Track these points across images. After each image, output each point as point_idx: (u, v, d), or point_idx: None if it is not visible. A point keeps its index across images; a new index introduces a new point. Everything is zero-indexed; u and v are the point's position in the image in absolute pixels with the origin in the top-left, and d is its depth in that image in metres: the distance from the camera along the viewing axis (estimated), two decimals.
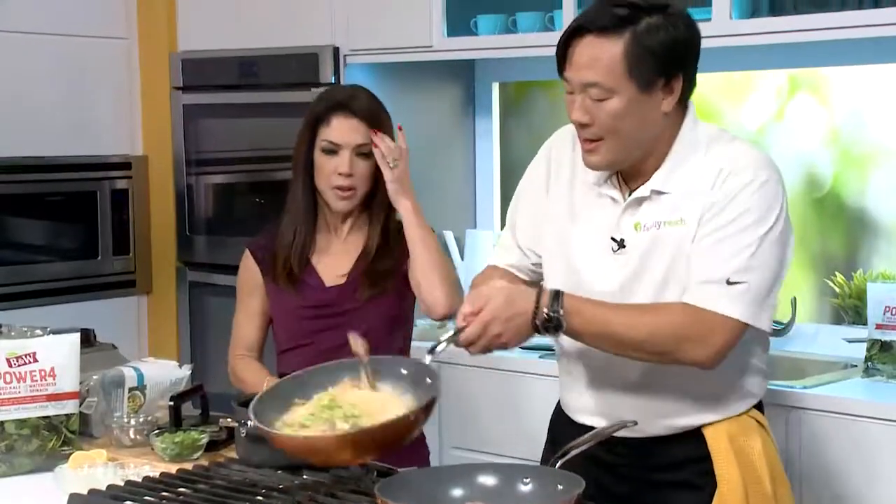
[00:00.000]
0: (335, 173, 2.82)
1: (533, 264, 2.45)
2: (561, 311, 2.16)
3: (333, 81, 4.16)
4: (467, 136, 4.50)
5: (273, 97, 4.30)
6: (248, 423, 2.40)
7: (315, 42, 4.23)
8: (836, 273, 3.72)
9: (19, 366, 2.59)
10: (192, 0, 4.65)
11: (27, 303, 4.39)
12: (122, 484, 2.32)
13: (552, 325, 2.17)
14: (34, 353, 2.61)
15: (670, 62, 2.18)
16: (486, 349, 2.19)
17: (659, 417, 2.33)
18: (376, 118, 2.86)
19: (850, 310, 3.68)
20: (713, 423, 2.33)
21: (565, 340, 2.34)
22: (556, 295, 2.17)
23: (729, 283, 2.17)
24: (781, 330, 3.71)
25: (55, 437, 2.61)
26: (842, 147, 3.76)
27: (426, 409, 2.08)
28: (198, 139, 4.61)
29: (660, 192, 2.26)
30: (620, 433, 2.24)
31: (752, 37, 3.48)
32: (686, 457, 2.33)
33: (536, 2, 3.92)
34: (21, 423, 2.58)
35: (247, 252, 2.99)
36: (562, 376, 2.47)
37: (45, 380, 2.61)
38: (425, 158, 4.39)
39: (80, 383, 2.73)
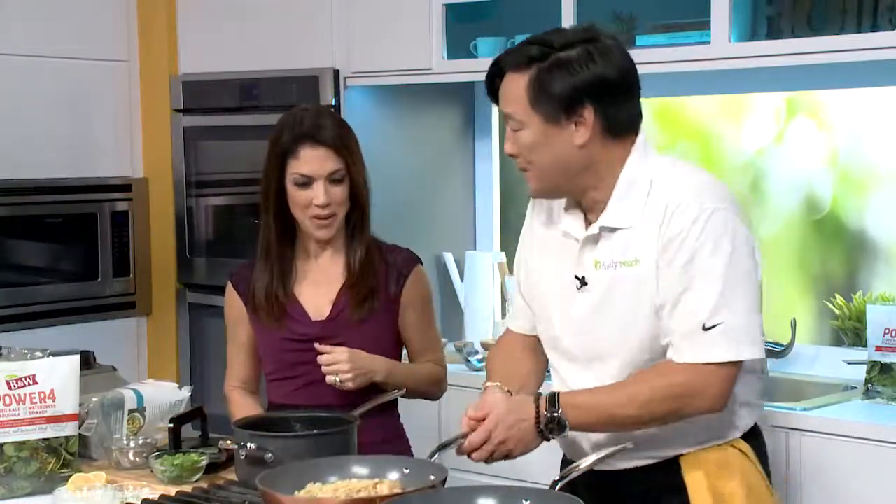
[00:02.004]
0: (311, 205, 2.76)
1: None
2: (559, 411, 2.22)
3: (334, 104, 4.16)
4: (467, 158, 4.51)
5: (273, 119, 4.18)
6: (248, 445, 2.42)
7: (315, 64, 4.24)
8: (836, 295, 3.72)
9: (19, 388, 2.59)
10: (192, 23, 4.67)
11: (27, 324, 4.39)
12: None
13: (555, 426, 2.23)
14: (34, 376, 2.61)
15: (573, 97, 2.23)
16: (490, 456, 2.24)
17: (636, 450, 2.32)
18: (344, 143, 2.80)
19: (850, 332, 3.67)
20: (690, 452, 2.34)
21: (554, 377, 2.43)
22: (553, 396, 2.24)
23: (705, 329, 2.20)
24: (781, 352, 3.71)
25: (54, 460, 2.61)
26: (841, 169, 3.77)
27: None
28: (198, 161, 4.61)
29: (610, 229, 2.29)
30: (599, 466, 2.28)
31: (750, 59, 3.49)
32: (662, 488, 2.33)
33: (536, 24, 3.87)
34: (20, 445, 2.58)
35: (229, 285, 2.94)
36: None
37: (45, 402, 2.61)
38: (425, 180, 4.41)
39: (80, 405, 2.72)
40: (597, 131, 2.25)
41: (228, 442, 2.49)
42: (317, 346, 2.74)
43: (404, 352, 2.97)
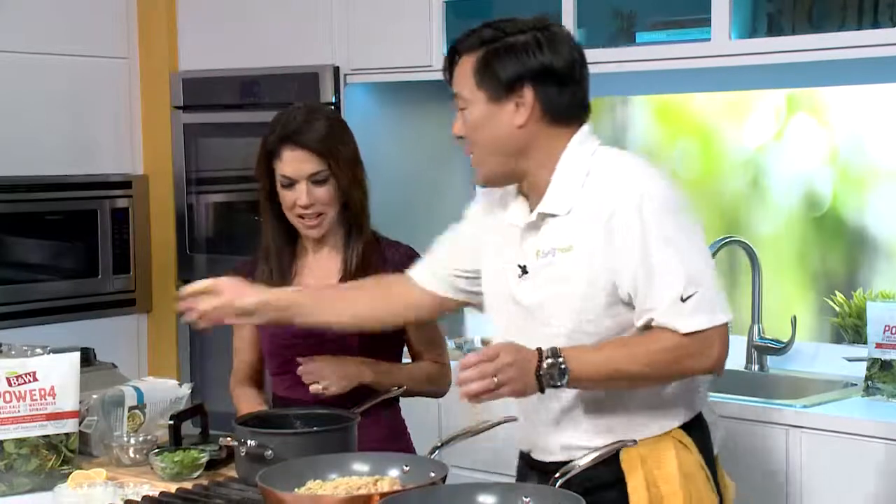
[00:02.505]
0: (296, 205, 2.78)
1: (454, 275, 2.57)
2: (562, 358, 2.22)
3: (334, 101, 4.17)
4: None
5: (273, 116, 4.32)
6: (249, 442, 2.42)
7: (316, 62, 4.25)
8: (836, 292, 3.73)
9: (19, 385, 2.59)
10: (192, 20, 4.67)
11: (27, 321, 4.39)
12: (121, 503, 2.33)
13: (556, 373, 2.21)
14: (34, 373, 2.62)
15: (515, 78, 2.30)
16: (488, 384, 2.20)
17: (574, 441, 2.36)
18: (328, 145, 2.79)
19: (850, 329, 3.68)
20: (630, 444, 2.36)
21: None
22: (555, 348, 2.24)
23: (683, 300, 2.24)
24: (781, 349, 3.73)
25: (55, 457, 2.61)
26: (841, 166, 3.77)
27: None
28: (198, 158, 4.62)
29: (548, 216, 2.34)
30: (543, 458, 2.37)
31: (750, 57, 3.50)
32: (603, 481, 2.33)
33: None
34: (20, 442, 2.58)
35: (225, 275, 2.93)
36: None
37: (45, 399, 2.61)
38: (425, 177, 4.42)
39: (80, 402, 2.73)
40: (536, 114, 2.32)
41: (229, 439, 2.49)
42: (298, 359, 2.76)
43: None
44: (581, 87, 2.37)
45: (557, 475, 2.14)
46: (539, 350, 2.22)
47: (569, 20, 3.75)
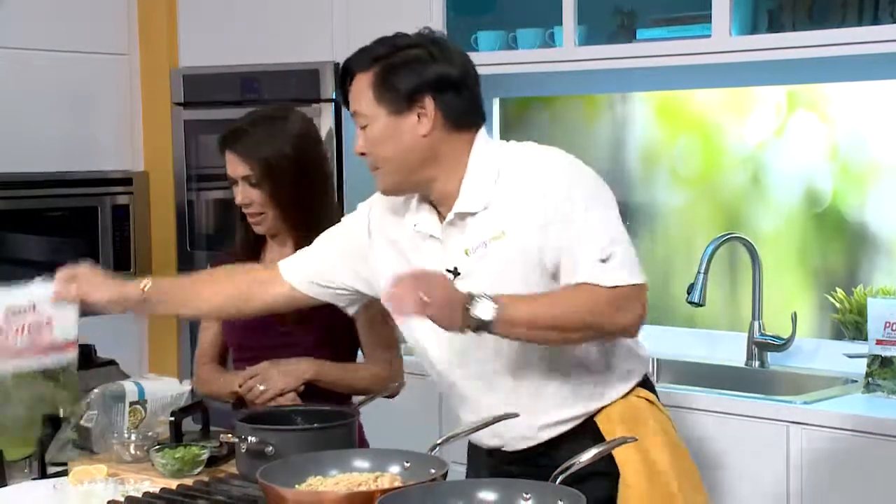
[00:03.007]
0: (240, 203, 2.95)
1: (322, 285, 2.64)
2: (493, 300, 2.26)
3: (334, 97, 4.18)
4: None
5: None
6: (249, 439, 2.43)
7: (316, 58, 4.26)
8: (837, 288, 3.73)
9: (16, 316, 2.57)
10: (192, 16, 4.69)
11: None
12: (122, 500, 2.33)
13: (484, 307, 2.25)
14: (33, 305, 2.60)
15: (414, 90, 2.37)
16: (415, 304, 2.24)
17: (544, 419, 2.43)
18: (258, 154, 2.89)
19: (851, 325, 3.68)
20: (601, 409, 2.44)
21: (433, 368, 2.51)
22: (486, 294, 2.28)
23: (603, 261, 2.31)
24: (782, 345, 3.73)
25: (52, 385, 2.61)
26: (841, 163, 3.78)
27: None
28: (198, 155, 4.63)
29: (466, 214, 2.39)
30: (517, 446, 2.44)
31: (751, 53, 3.51)
32: (586, 449, 2.34)
33: (537, 18, 3.93)
34: (18, 375, 2.58)
35: (208, 268, 3.10)
36: (450, 403, 2.60)
37: (42, 331, 2.60)
38: None
39: (81, 399, 2.74)
40: (438, 122, 2.38)
41: (229, 435, 2.50)
42: (247, 367, 2.92)
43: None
44: (475, 91, 2.45)
45: (558, 471, 2.13)
46: (471, 293, 2.27)
47: (569, 17, 3.77)
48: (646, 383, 2.53)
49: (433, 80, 2.38)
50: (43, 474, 2.69)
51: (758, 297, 3.80)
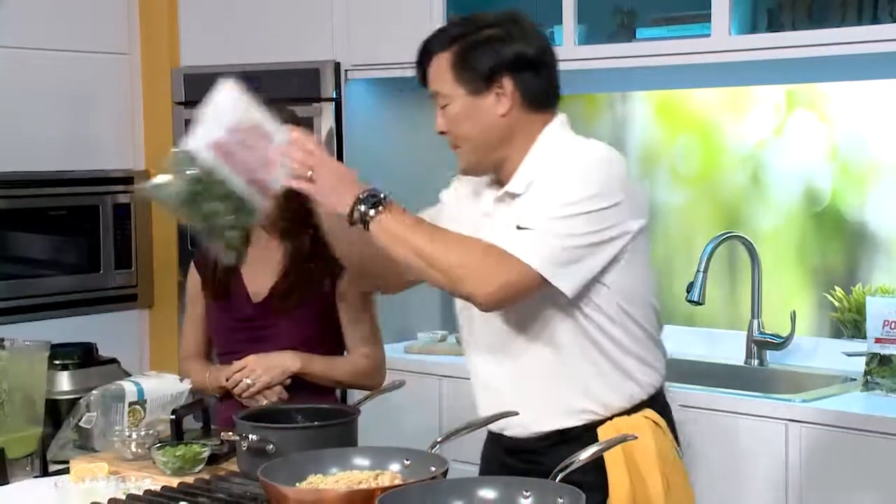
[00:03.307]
0: None
1: None
2: (383, 204, 2.30)
3: (335, 96, 4.18)
4: None
5: (275, 113, 4.33)
6: (250, 437, 2.43)
7: (316, 57, 4.26)
8: (836, 287, 3.74)
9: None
10: (193, 16, 4.69)
11: (30, 316, 4.40)
12: (123, 497, 2.34)
13: (368, 205, 2.30)
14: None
15: (493, 69, 2.38)
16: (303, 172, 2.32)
17: (546, 412, 2.43)
18: None
19: (850, 324, 3.69)
20: (605, 422, 2.41)
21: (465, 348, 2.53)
22: (384, 194, 2.33)
23: (518, 228, 2.30)
24: (781, 343, 3.74)
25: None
26: (841, 162, 3.78)
27: None
28: None
29: (512, 195, 2.42)
30: (517, 434, 2.46)
31: (750, 52, 3.51)
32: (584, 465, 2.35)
33: (537, 18, 3.88)
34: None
35: (192, 263, 3.17)
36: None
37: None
38: (425, 172, 4.42)
39: (80, 398, 2.78)
40: (517, 101, 2.40)
41: (230, 433, 2.51)
42: (234, 362, 2.96)
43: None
44: (553, 71, 2.46)
45: (557, 469, 2.14)
46: (373, 188, 2.32)
47: (569, 17, 3.77)
48: (656, 404, 2.48)
49: (511, 59, 2.38)
50: (45, 472, 2.71)
51: (757, 296, 3.81)
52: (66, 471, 2.58)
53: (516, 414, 2.42)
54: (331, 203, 2.34)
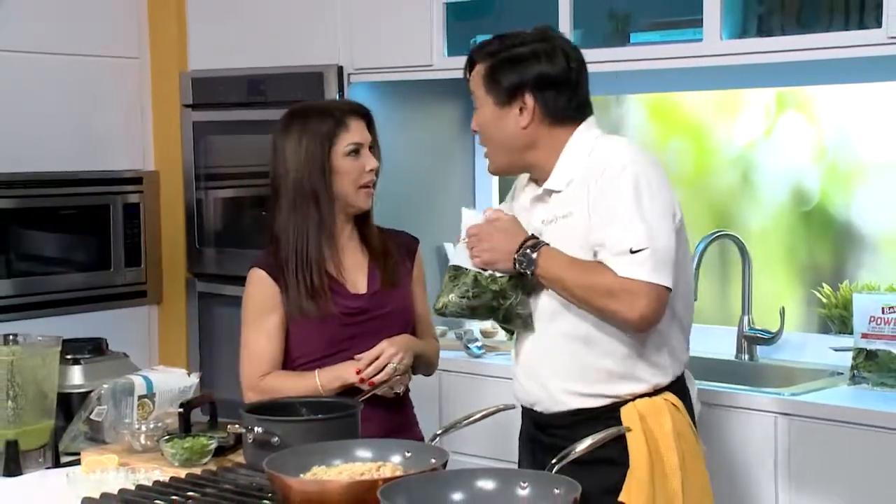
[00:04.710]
0: (364, 171, 2.87)
1: None
2: (537, 253, 2.52)
3: (337, 99, 4.18)
4: (467, 151, 4.54)
5: (279, 114, 4.28)
6: (256, 429, 2.45)
7: (320, 61, 4.27)
8: (823, 284, 3.74)
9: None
10: (201, 21, 4.68)
11: (42, 313, 4.42)
12: (132, 488, 2.35)
13: (526, 259, 2.53)
14: None
15: (516, 86, 2.60)
16: (480, 254, 2.57)
17: (572, 390, 2.61)
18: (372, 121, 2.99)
19: (837, 319, 3.70)
20: (627, 401, 2.58)
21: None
22: (540, 241, 2.55)
23: (632, 252, 2.46)
24: (770, 339, 3.74)
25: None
26: (829, 163, 3.77)
27: None
28: (207, 155, 4.63)
29: (551, 191, 2.61)
30: (546, 409, 2.64)
31: (741, 56, 3.51)
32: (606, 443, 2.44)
33: (533, 22, 3.93)
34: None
35: (261, 272, 2.87)
36: None
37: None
38: (427, 173, 4.43)
39: (91, 391, 2.81)
40: (538, 116, 2.61)
41: (236, 426, 2.51)
42: (356, 358, 2.84)
43: None
44: (578, 89, 2.62)
45: (554, 461, 2.15)
46: (527, 235, 2.54)
47: (565, 21, 3.77)
48: (677, 388, 2.65)
49: (533, 78, 2.59)
50: (57, 463, 2.72)
51: (747, 293, 3.81)
52: (77, 462, 2.62)
53: (513, 408, 2.55)
54: (494, 262, 2.60)
